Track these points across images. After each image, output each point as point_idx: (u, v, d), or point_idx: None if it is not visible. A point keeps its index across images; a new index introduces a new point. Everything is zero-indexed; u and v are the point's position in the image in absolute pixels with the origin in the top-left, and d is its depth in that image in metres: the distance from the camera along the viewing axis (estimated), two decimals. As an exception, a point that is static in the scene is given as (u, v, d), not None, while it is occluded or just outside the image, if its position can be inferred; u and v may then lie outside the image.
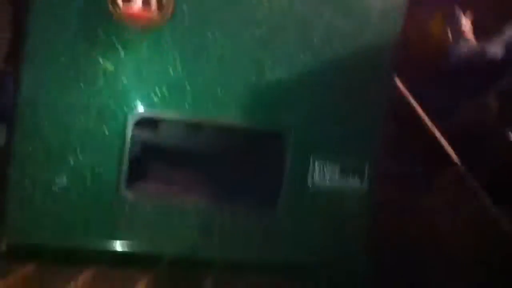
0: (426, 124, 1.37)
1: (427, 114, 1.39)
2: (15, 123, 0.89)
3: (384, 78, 1.04)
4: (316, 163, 1.01)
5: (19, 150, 0.90)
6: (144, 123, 1.18)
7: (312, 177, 1.02)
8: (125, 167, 0.93)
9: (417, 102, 1.40)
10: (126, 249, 0.96)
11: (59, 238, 0.93)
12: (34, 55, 0.89)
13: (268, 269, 1.09)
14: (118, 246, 0.95)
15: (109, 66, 0.90)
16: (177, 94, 0.93)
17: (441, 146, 1.27)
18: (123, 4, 0.88)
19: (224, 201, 1.03)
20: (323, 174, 1.02)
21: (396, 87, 1.38)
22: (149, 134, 1.20)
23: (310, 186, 1.02)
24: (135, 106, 0.92)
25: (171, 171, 1.07)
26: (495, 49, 1.49)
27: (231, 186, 1.05)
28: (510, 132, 1.32)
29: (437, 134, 1.31)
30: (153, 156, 1.11)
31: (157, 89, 0.93)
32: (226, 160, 1.03)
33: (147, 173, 1.06)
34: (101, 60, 0.90)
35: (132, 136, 0.93)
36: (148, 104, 0.93)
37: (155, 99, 0.93)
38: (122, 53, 0.90)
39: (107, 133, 0.92)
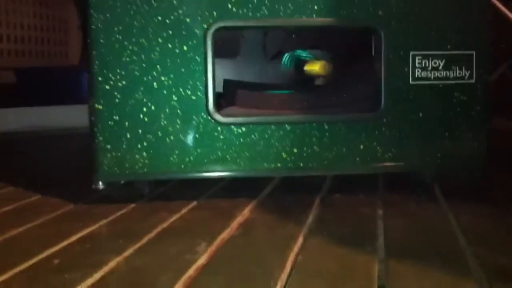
0: None
1: None
2: (91, 53, 0.84)
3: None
4: (417, 57, 0.91)
5: (101, 81, 0.85)
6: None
7: (414, 73, 0.91)
8: (211, 85, 0.86)
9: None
10: (225, 175, 0.89)
11: (154, 170, 0.86)
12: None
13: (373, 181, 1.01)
14: (216, 172, 0.88)
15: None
16: (252, -3, 0.86)
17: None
18: None
19: (321, 111, 0.94)
20: (426, 69, 0.91)
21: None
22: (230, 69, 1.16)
23: (413, 82, 0.91)
24: (211, 17, 0.85)
25: (258, 95, 1.00)
26: None
27: (326, 94, 0.96)
28: None
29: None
30: (236, 87, 1.05)
31: (230, -5, 0.85)
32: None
33: (234, 100, 0.99)
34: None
35: (213, 51, 0.85)
36: (224, 13, 0.85)
37: (230, 6, 0.85)
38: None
39: (186, 49, 0.85)
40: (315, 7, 0.87)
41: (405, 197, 0.92)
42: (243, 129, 0.87)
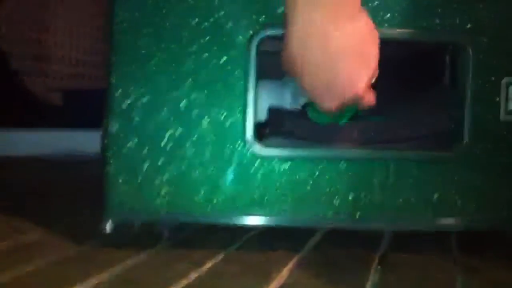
0: None
1: None
2: (110, 59, 0.70)
3: None
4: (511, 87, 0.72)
5: (119, 96, 0.70)
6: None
7: (507, 105, 0.72)
8: (251, 108, 0.70)
9: None
10: (261, 222, 0.71)
11: (175, 210, 0.70)
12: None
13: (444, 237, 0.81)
14: (251, 218, 0.71)
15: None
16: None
17: None
18: None
19: (385, 146, 0.75)
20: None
21: None
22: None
23: (505, 117, 0.72)
24: (258, 23, 0.69)
25: (309, 124, 0.83)
26: None
27: (392, 124, 0.78)
28: None
29: None
30: (284, 116, 0.88)
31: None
32: (383, 90, 0.77)
33: (278, 128, 0.82)
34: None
35: (257, 64, 0.69)
36: (274, 18, 0.69)
37: (280, 11, 0.69)
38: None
39: (225, 60, 0.69)
40: (388, 15, 0.70)
41: (488, 261, 0.72)
42: (288, 164, 0.70)
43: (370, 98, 0.63)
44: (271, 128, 0.84)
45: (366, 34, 0.60)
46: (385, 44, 0.68)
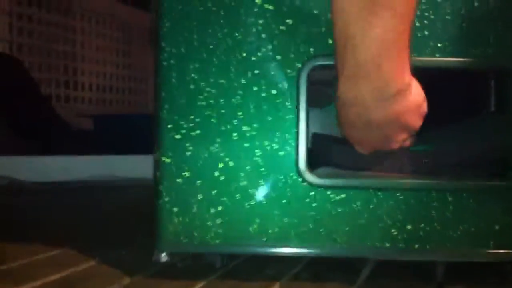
0: None
1: None
2: (158, 94, 0.70)
3: None
4: None
5: (170, 129, 0.70)
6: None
7: None
8: (303, 139, 0.69)
9: None
10: (316, 252, 0.71)
11: (229, 241, 0.70)
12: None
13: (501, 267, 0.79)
14: (305, 248, 0.70)
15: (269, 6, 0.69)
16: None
17: None
18: None
19: (442, 177, 0.74)
20: None
21: None
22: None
23: None
24: (307, 54, 0.69)
25: (360, 154, 0.82)
26: None
27: (448, 155, 0.76)
28: None
29: None
30: (330, 143, 0.87)
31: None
32: (429, 117, 0.76)
33: (327, 159, 0.81)
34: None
35: (307, 95, 0.69)
36: (323, 49, 0.69)
37: (331, 40, 0.69)
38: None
39: (274, 93, 0.69)
40: (439, 45, 0.69)
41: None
42: (342, 195, 0.69)
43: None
44: (316, 156, 0.83)
45: (411, 109, 0.64)
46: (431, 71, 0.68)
